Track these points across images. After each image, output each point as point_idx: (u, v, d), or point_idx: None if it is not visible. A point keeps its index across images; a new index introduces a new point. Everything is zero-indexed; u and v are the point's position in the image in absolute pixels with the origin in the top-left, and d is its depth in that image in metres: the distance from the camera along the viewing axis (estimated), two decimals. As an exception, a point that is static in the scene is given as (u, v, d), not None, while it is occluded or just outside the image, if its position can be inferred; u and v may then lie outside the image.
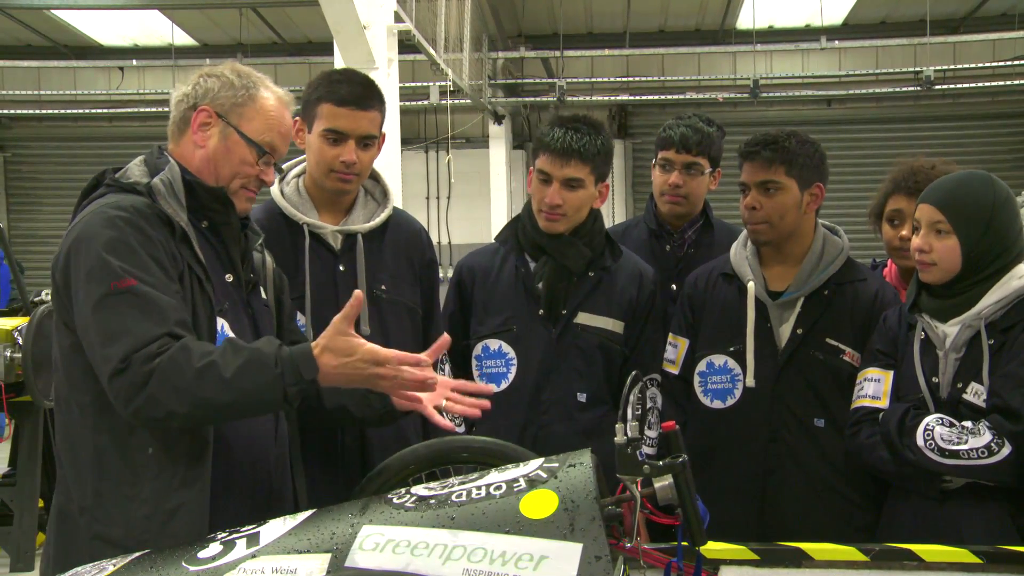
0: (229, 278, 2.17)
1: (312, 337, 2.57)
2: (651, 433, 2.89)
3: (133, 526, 1.96)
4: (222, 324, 2.12)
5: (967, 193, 2.49)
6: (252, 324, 2.22)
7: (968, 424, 2.41)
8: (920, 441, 2.42)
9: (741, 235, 3.03)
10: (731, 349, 2.89)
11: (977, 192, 2.49)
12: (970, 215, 2.47)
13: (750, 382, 2.85)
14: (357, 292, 1.99)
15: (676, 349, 3.01)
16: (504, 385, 2.88)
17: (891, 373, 2.61)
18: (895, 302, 2.84)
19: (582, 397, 2.86)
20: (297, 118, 2.65)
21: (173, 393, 1.87)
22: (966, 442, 2.37)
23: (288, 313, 2.44)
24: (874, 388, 2.62)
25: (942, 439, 2.40)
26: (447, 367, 2.82)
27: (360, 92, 2.60)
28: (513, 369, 2.88)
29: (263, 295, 2.31)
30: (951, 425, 2.42)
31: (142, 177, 2.09)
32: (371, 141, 2.63)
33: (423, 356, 2.05)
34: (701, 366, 2.95)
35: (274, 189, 2.71)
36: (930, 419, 2.44)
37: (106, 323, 1.91)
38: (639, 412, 1.79)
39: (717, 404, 2.91)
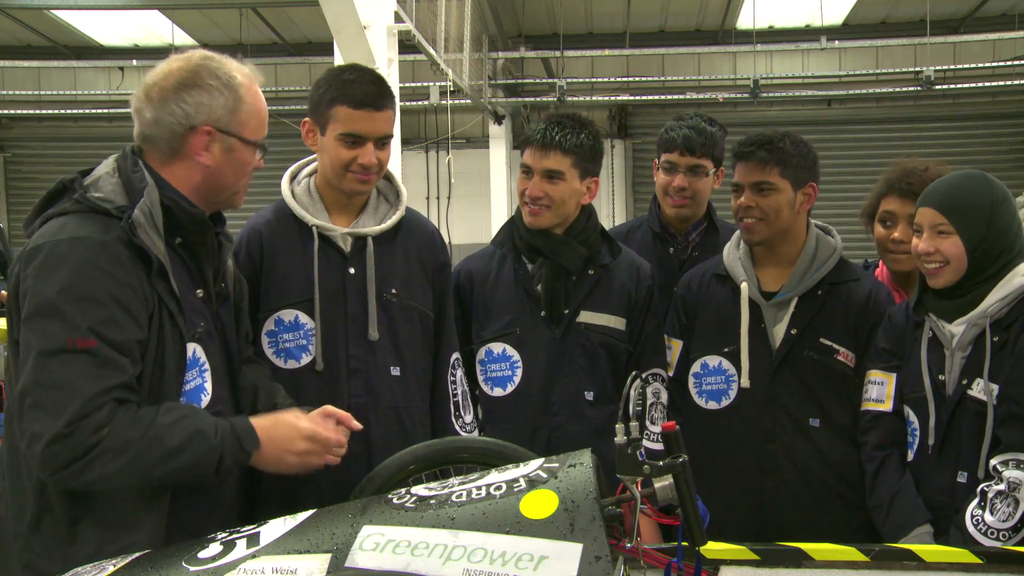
0: (200, 293, 2.14)
1: (320, 340, 2.56)
2: (654, 428, 2.85)
3: (70, 564, 1.86)
4: (194, 349, 2.08)
5: (966, 193, 2.49)
6: (222, 339, 2.20)
7: (999, 487, 2.30)
8: (974, 532, 2.30)
9: (734, 236, 3.03)
10: (725, 350, 2.89)
11: (975, 191, 2.49)
12: (971, 214, 2.46)
13: (744, 383, 2.85)
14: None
15: (671, 351, 3.02)
16: (510, 388, 2.87)
17: (894, 376, 2.63)
18: (889, 302, 2.85)
19: (590, 395, 2.86)
20: (307, 119, 2.63)
21: (116, 467, 1.84)
22: (1019, 505, 2.27)
23: (243, 320, 2.40)
24: (877, 391, 2.65)
25: (998, 521, 2.29)
26: (459, 372, 2.80)
27: (375, 91, 2.56)
28: (519, 372, 2.87)
29: (231, 304, 2.29)
30: (989, 501, 2.30)
31: (114, 195, 2.00)
32: (388, 140, 2.61)
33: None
34: (696, 367, 2.95)
35: (285, 189, 2.69)
36: (971, 510, 2.33)
37: (52, 376, 1.82)
38: (639, 409, 1.79)
39: (712, 405, 2.92)
